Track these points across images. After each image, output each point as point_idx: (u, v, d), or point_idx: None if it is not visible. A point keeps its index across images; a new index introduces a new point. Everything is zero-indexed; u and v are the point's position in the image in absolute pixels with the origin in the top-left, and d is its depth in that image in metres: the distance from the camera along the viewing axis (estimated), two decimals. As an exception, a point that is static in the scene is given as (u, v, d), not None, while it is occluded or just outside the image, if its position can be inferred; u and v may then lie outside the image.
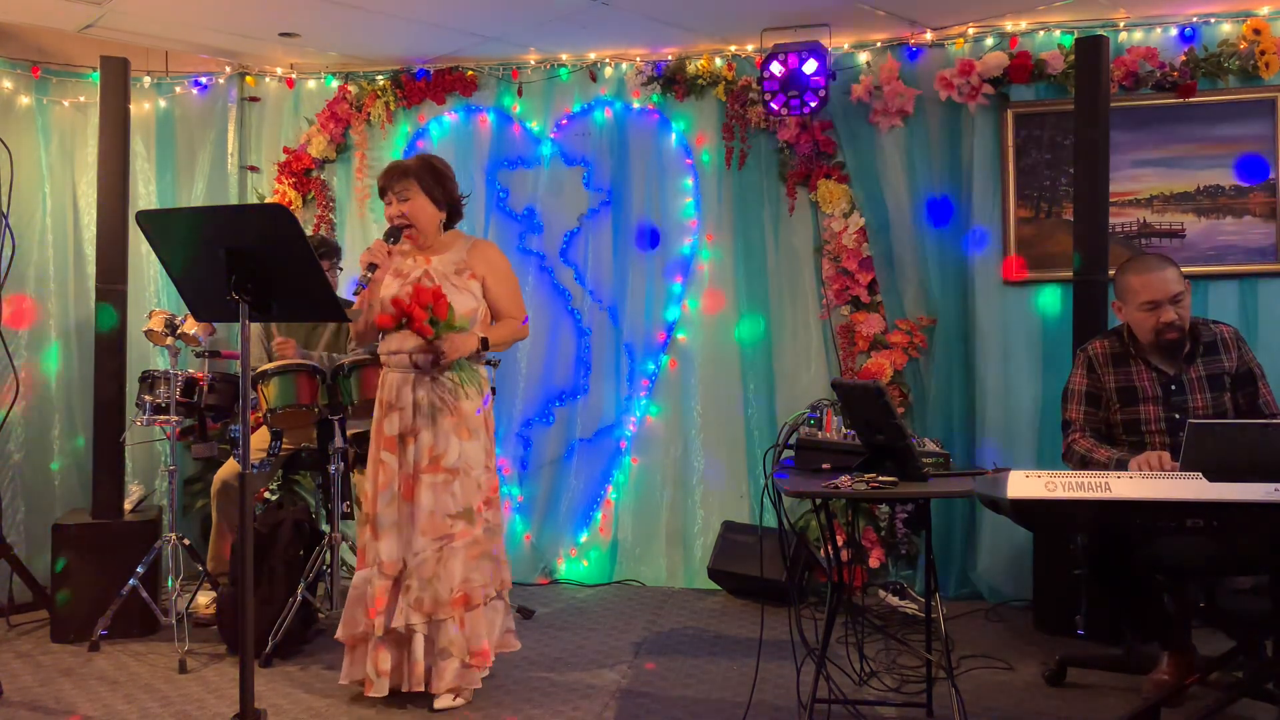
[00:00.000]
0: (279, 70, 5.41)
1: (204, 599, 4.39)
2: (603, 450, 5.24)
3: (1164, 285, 3.29)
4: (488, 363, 4.60)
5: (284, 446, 4.21)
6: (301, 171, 5.36)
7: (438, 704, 3.41)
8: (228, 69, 5.35)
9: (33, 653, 4.08)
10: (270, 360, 4.43)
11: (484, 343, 3.48)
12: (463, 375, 3.45)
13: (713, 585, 4.96)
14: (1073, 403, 3.48)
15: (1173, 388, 3.32)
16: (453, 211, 3.62)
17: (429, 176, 3.52)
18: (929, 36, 4.85)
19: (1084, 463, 3.34)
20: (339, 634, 3.54)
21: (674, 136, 5.19)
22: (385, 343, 3.53)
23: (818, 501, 3.53)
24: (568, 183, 5.27)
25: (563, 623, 4.47)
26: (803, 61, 4.62)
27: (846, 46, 4.98)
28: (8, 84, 4.99)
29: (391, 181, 3.52)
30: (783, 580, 4.41)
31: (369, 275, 3.38)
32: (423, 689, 3.41)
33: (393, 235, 3.50)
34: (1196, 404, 3.30)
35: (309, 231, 5.23)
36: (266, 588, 3.97)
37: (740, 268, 5.10)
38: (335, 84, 5.39)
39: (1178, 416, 3.27)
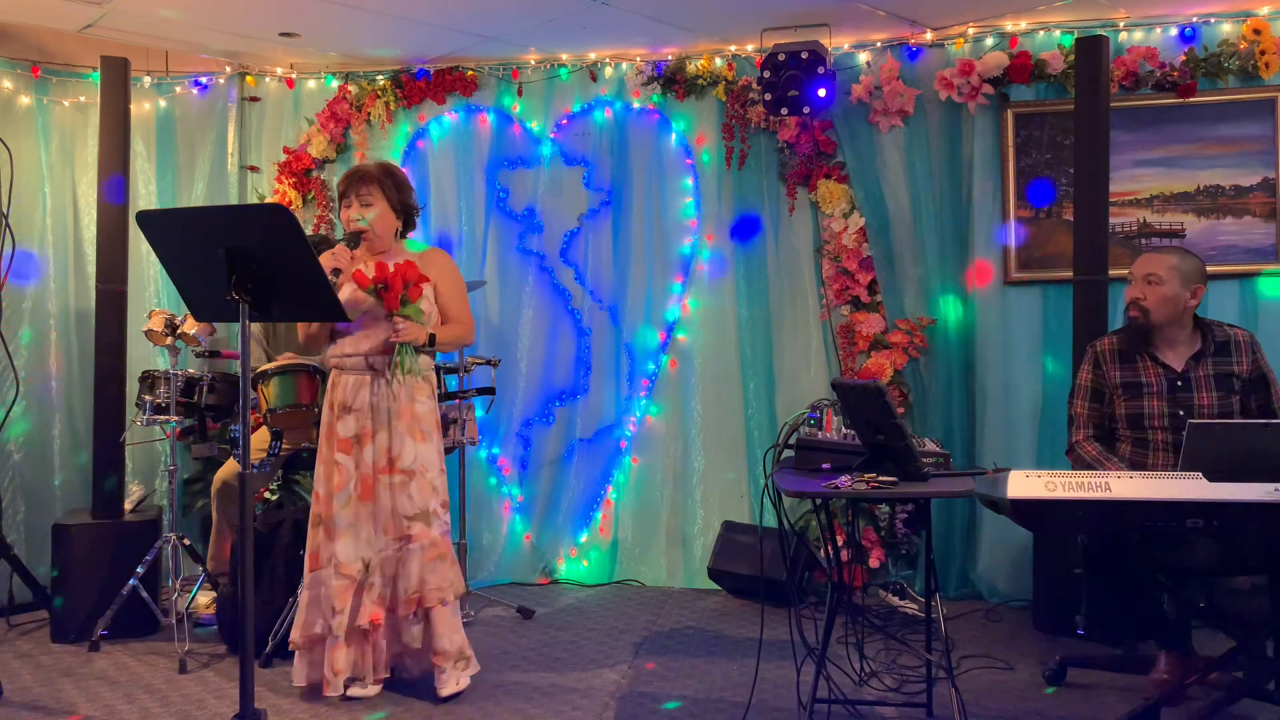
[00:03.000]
0: (279, 70, 5.41)
1: (204, 599, 4.39)
2: (603, 450, 5.24)
3: (1145, 262, 3.38)
4: (487, 362, 4.63)
5: (284, 446, 4.20)
6: (301, 171, 5.36)
7: (444, 692, 3.48)
8: (228, 69, 5.36)
9: (33, 653, 4.08)
10: (269, 360, 4.43)
11: (431, 339, 3.52)
12: (414, 368, 3.48)
13: (713, 585, 4.96)
14: (1077, 398, 3.51)
15: (1179, 384, 3.32)
16: (408, 220, 3.69)
17: (391, 183, 3.60)
18: (929, 36, 4.85)
19: (1089, 469, 3.35)
20: (293, 636, 3.53)
21: (674, 136, 5.19)
22: (338, 346, 3.55)
23: (818, 501, 3.53)
24: (568, 183, 5.27)
25: (563, 623, 4.47)
26: (803, 62, 4.62)
27: (846, 46, 4.98)
28: (8, 84, 4.99)
29: (354, 186, 3.58)
30: (783, 580, 4.41)
31: (333, 279, 3.39)
32: (387, 676, 3.48)
33: (352, 240, 3.55)
34: (1202, 401, 3.30)
35: (309, 231, 5.23)
36: (266, 588, 3.96)
37: (740, 268, 5.10)
38: (335, 84, 5.39)
39: (1182, 413, 3.27)
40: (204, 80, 5.36)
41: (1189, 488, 2.46)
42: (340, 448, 3.50)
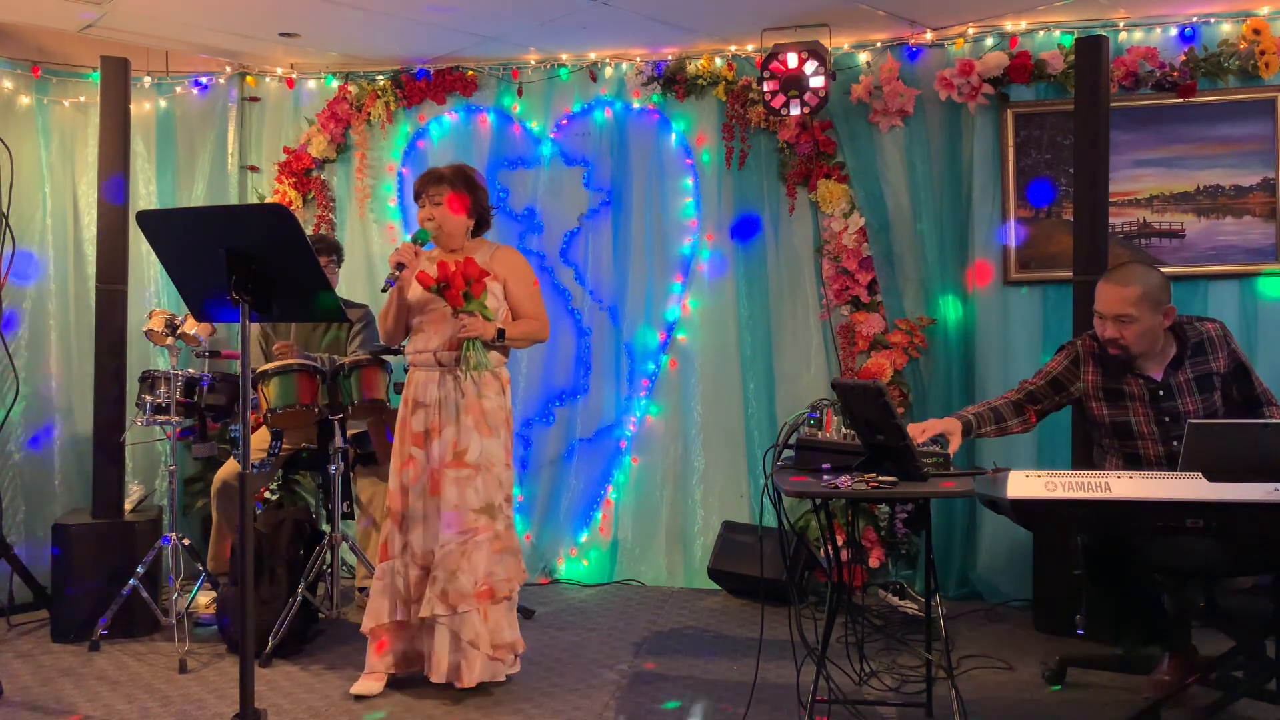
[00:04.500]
0: (279, 70, 5.41)
1: (204, 599, 4.39)
2: (603, 450, 5.24)
3: (1110, 301, 3.23)
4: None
5: (284, 446, 4.21)
6: (301, 171, 5.36)
7: (496, 678, 3.58)
8: (228, 69, 5.36)
9: (33, 653, 4.08)
10: (269, 361, 4.43)
11: (500, 334, 3.59)
12: (482, 363, 3.53)
13: (713, 585, 4.96)
14: (1038, 376, 3.45)
15: (1161, 393, 3.30)
16: (481, 220, 3.79)
17: (462, 185, 3.70)
18: (929, 36, 4.85)
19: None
20: (364, 625, 3.60)
21: (674, 136, 5.19)
22: (411, 342, 3.68)
23: (818, 501, 3.53)
24: (568, 183, 5.27)
25: (563, 623, 4.47)
26: (803, 62, 4.62)
27: (846, 46, 4.98)
28: (8, 84, 4.99)
29: (427, 186, 3.70)
30: (783, 580, 4.41)
31: (397, 274, 3.54)
32: (444, 681, 3.49)
33: (421, 237, 3.65)
34: (1187, 407, 3.27)
35: (309, 231, 5.23)
36: (266, 588, 3.97)
37: (740, 268, 5.10)
38: (335, 84, 5.39)
39: (1167, 420, 3.25)
40: (204, 80, 5.36)
41: (1189, 488, 2.46)
42: (413, 442, 3.60)
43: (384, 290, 3.63)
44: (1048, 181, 4.70)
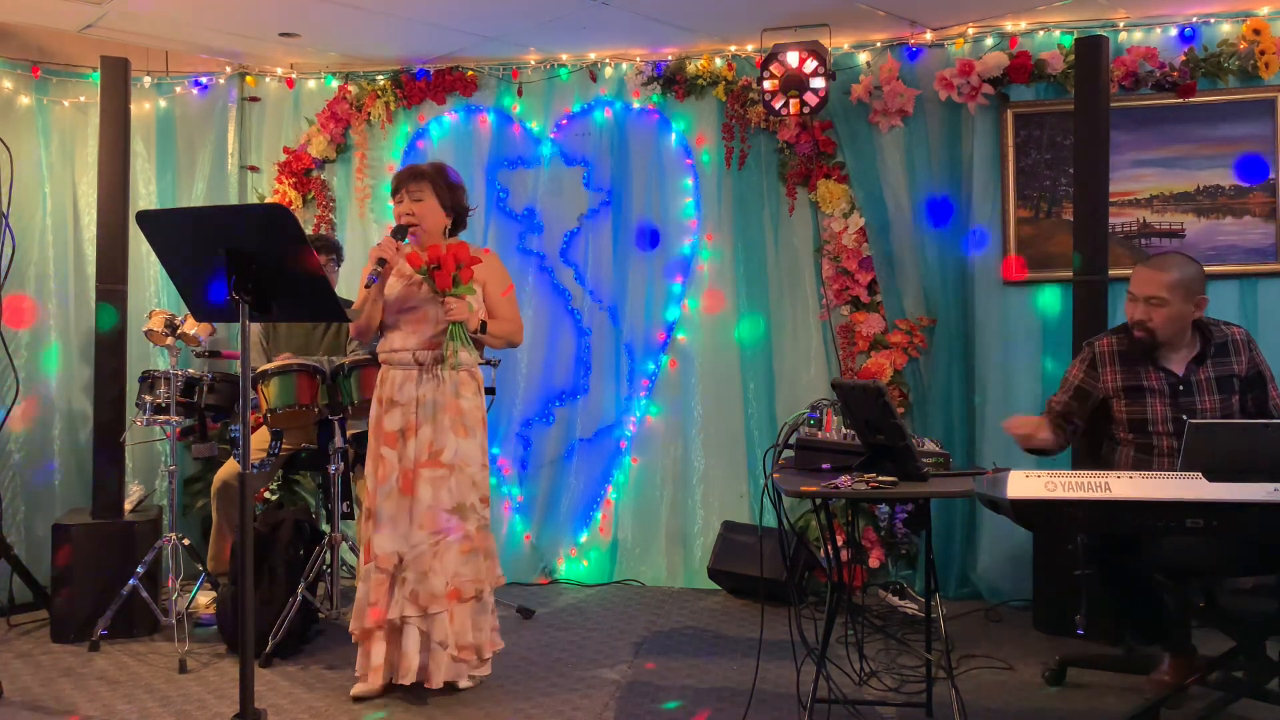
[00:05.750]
0: (279, 70, 5.41)
1: (204, 599, 4.39)
2: (603, 450, 5.24)
3: (1145, 282, 3.27)
4: (487, 363, 4.63)
5: (284, 446, 4.21)
6: (301, 171, 5.36)
7: (462, 684, 3.56)
8: (228, 69, 5.36)
9: (33, 653, 4.08)
10: (268, 361, 4.43)
11: (483, 326, 3.59)
12: (467, 346, 3.53)
13: (713, 585, 4.96)
14: (1061, 391, 3.48)
15: (1181, 388, 3.30)
16: (458, 220, 3.76)
17: (442, 182, 3.68)
18: (929, 36, 4.85)
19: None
20: (352, 627, 3.59)
21: (674, 136, 5.19)
22: (387, 340, 3.63)
23: (818, 501, 3.53)
24: (568, 183, 5.27)
25: (563, 623, 4.47)
26: (803, 61, 4.62)
27: (846, 46, 4.98)
28: (8, 84, 4.99)
29: (407, 181, 3.67)
30: (783, 580, 4.41)
31: (379, 269, 3.50)
32: (410, 682, 3.46)
33: (399, 233, 3.62)
34: (1205, 405, 3.28)
35: (309, 231, 5.23)
36: (266, 588, 3.97)
37: (740, 268, 5.10)
38: (335, 84, 5.39)
39: (1185, 417, 3.25)
40: (204, 80, 5.36)
41: (1189, 488, 2.46)
42: (386, 441, 3.55)
43: (368, 285, 3.61)
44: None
